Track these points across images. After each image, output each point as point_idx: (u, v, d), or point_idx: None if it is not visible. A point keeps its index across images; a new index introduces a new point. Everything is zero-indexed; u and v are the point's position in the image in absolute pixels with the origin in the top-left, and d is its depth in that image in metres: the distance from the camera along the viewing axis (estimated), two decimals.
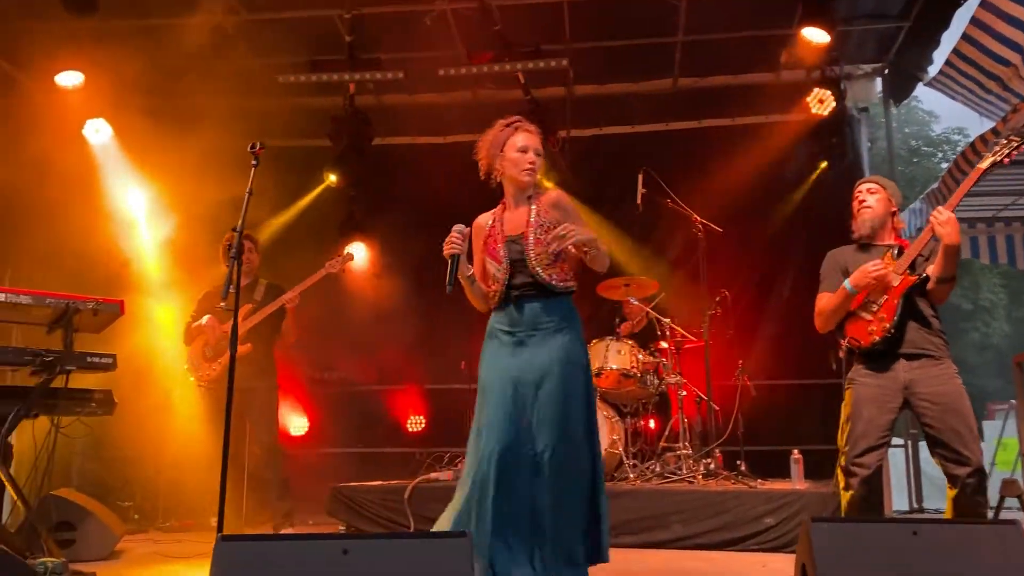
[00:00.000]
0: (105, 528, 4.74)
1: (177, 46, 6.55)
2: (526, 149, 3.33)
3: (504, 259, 3.30)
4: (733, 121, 7.81)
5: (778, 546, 4.79)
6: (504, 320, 3.32)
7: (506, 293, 3.31)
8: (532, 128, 3.43)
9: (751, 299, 7.39)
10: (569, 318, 3.34)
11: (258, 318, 5.36)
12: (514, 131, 3.39)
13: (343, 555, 2.14)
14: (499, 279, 3.30)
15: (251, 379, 5.20)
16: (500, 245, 3.32)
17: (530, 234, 3.31)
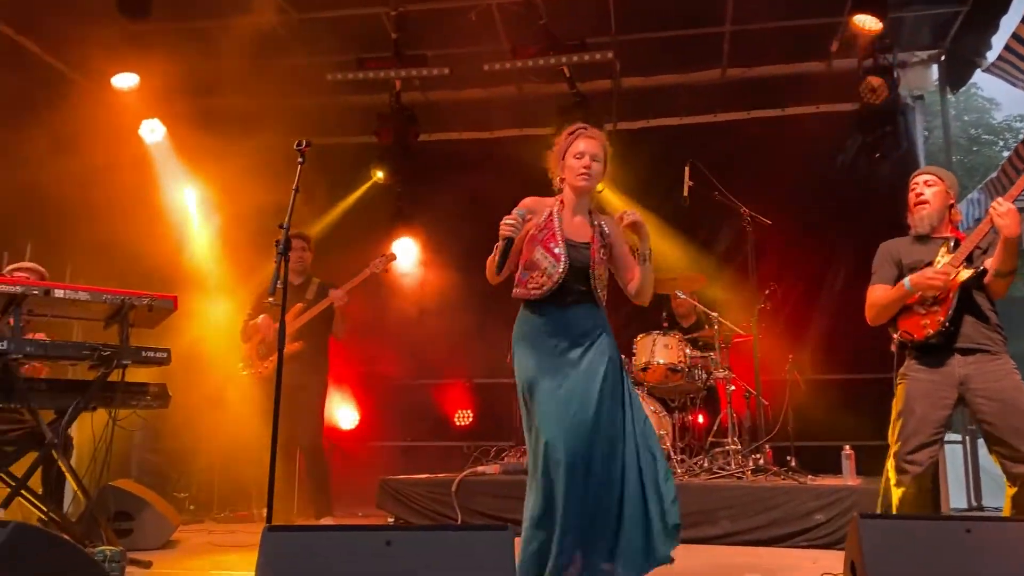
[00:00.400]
0: (162, 518, 4.87)
1: (228, 46, 6.67)
2: (582, 155, 3.36)
3: (563, 260, 3.28)
4: (783, 111, 7.68)
5: (829, 543, 4.71)
6: (550, 323, 3.31)
7: (558, 296, 3.30)
8: (595, 135, 3.44)
9: (801, 293, 7.26)
10: (606, 327, 3.40)
11: (308, 316, 5.51)
12: (576, 138, 3.43)
13: (386, 546, 2.17)
14: (552, 276, 3.28)
15: (301, 376, 5.40)
16: (560, 243, 3.30)
17: (597, 251, 3.35)
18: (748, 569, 4.06)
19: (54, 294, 3.96)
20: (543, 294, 3.30)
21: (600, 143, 3.42)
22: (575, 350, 3.26)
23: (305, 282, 5.73)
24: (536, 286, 3.31)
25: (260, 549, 2.18)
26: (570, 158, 3.38)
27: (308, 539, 2.23)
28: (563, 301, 3.30)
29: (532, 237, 3.36)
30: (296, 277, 5.73)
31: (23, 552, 2.37)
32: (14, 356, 3.86)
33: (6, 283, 3.93)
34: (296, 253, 5.67)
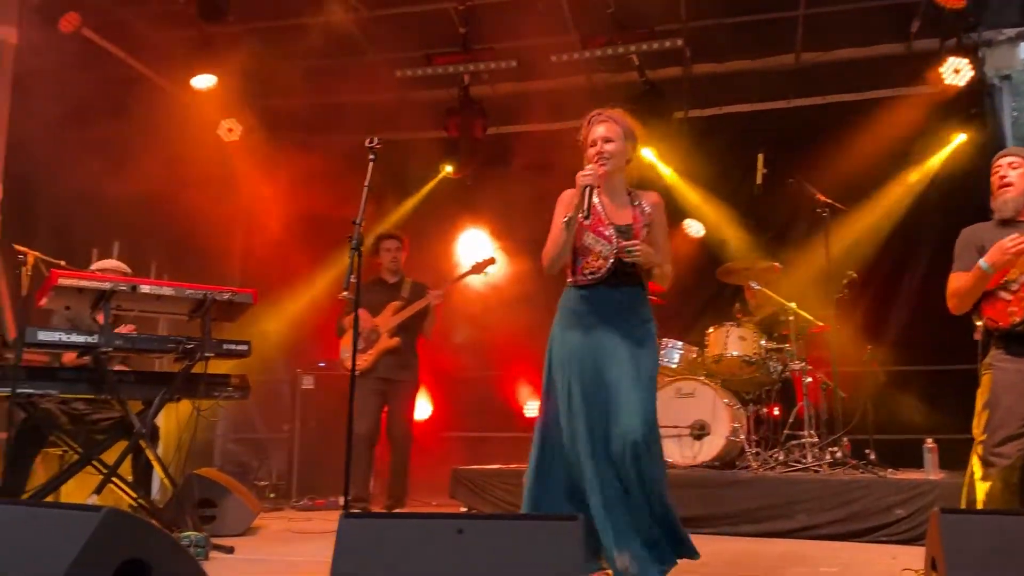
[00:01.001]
0: (243, 506, 5.02)
1: (300, 46, 6.83)
2: (594, 142, 3.38)
3: (615, 242, 3.29)
4: (860, 95, 7.44)
5: (910, 538, 4.58)
6: (593, 301, 3.32)
7: (609, 278, 3.31)
8: (609, 117, 3.42)
9: (881, 281, 7.05)
10: (649, 310, 3.42)
11: (405, 315, 5.71)
12: (591, 125, 3.45)
13: (458, 534, 2.21)
14: (608, 259, 3.29)
15: (396, 371, 5.67)
16: (608, 226, 3.32)
17: (640, 231, 3.35)
18: (825, 563, 3.98)
19: (140, 290, 4.13)
20: (599, 277, 3.32)
21: (616, 123, 3.40)
22: (615, 331, 3.27)
23: (399, 281, 5.93)
24: (592, 270, 3.33)
25: (337, 536, 2.24)
26: (587, 147, 3.41)
27: (383, 526, 2.28)
28: (613, 282, 3.32)
29: (580, 225, 3.36)
30: (390, 276, 5.94)
31: (115, 536, 2.48)
32: (104, 349, 4.05)
33: (96, 279, 4.11)
34: (390, 253, 5.88)
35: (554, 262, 3.35)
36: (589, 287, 3.35)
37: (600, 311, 3.31)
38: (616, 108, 3.49)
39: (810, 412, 5.69)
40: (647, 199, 3.46)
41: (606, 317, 3.30)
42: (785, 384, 6.08)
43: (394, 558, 2.22)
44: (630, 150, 3.44)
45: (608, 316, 3.30)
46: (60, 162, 6.51)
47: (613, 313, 3.30)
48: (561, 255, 3.32)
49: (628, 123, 3.44)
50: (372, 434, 5.72)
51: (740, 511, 4.99)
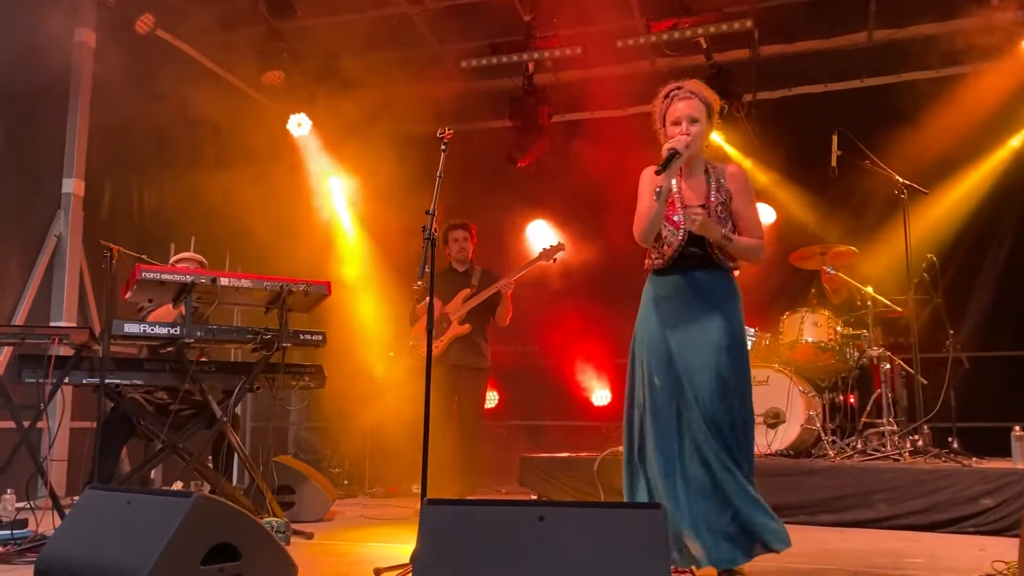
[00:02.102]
0: (320, 493, 5.13)
1: (366, 39, 6.90)
2: (678, 121, 3.24)
3: (682, 226, 3.22)
4: (938, 73, 7.20)
5: (997, 529, 4.43)
6: (670, 287, 3.26)
7: (678, 261, 3.24)
8: (689, 93, 3.28)
9: (962, 264, 6.84)
10: (734, 293, 3.31)
11: (476, 302, 5.69)
12: (671, 101, 3.32)
13: (539, 521, 2.21)
14: (673, 244, 3.23)
15: (465, 358, 5.68)
16: (678, 210, 3.24)
17: (712, 210, 3.25)
18: (910, 554, 3.88)
19: (220, 282, 4.23)
20: (665, 263, 3.26)
21: (698, 101, 3.26)
22: (688, 315, 3.21)
23: (469, 269, 5.94)
24: (659, 256, 3.29)
25: (420, 522, 2.27)
26: (669, 125, 3.28)
27: (465, 512, 2.31)
28: (686, 266, 3.24)
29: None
30: (459, 265, 5.96)
31: (206, 521, 2.56)
32: (187, 340, 4.16)
33: (179, 272, 4.23)
34: (458, 243, 5.88)
35: (647, 234, 3.24)
36: (661, 273, 3.30)
37: (673, 298, 3.25)
38: (694, 80, 3.36)
39: (888, 399, 5.55)
40: (725, 171, 3.35)
41: (680, 304, 3.24)
42: (862, 371, 5.94)
43: (475, 545, 2.24)
44: (711, 129, 3.34)
45: (682, 302, 3.23)
46: (136, 161, 6.73)
47: (687, 298, 3.22)
48: (653, 227, 3.22)
49: (709, 97, 3.31)
50: (447, 424, 5.68)
51: (818, 500, 4.89)
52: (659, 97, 3.38)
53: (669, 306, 3.26)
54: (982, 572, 3.34)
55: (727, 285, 3.29)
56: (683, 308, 3.23)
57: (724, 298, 3.26)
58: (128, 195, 6.75)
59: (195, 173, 6.75)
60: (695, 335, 3.19)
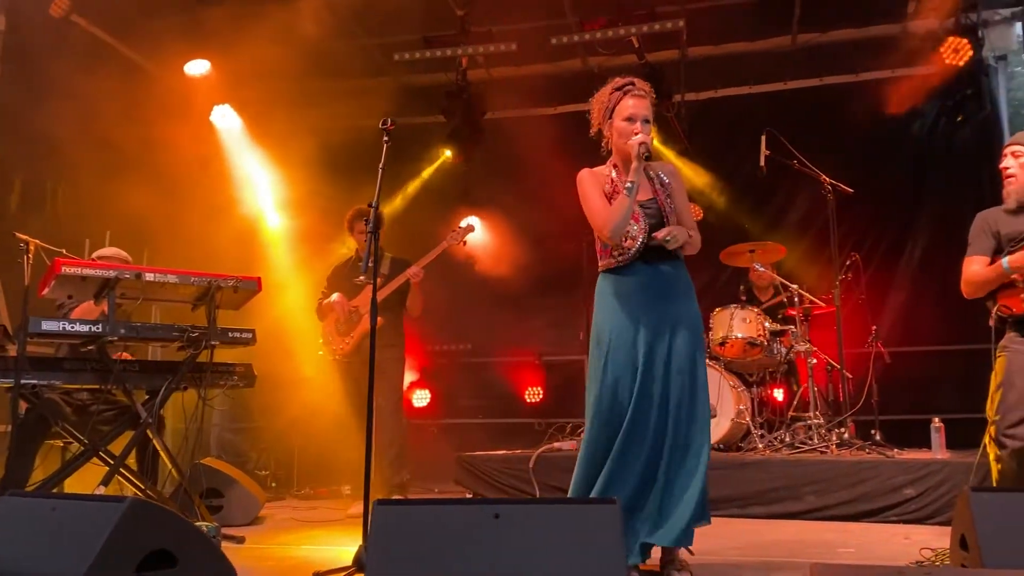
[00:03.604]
0: (249, 495, 4.98)
1: (296, 30, 6.72)
2: (634, 118, 3.24)
3: (642, 219, 3.24)
4: (857, 77, 7.44)
5: (920, 518, 4.60)
6: (635, 282, 3.26)
7: (644, 255, 3.25)
8: (643, 90, 3.30)
9: (883, 262, 7.10)
10: (691, 285, 3.36)
11: (385, 292, 5.38)
12: (623, 95, 3.29)
13: (494, 519, 2.17)
14: (637, 238, 3.23)
15: (379, 351, 5.29)
16: (636, 206, 3.25)
17: (664, 203, 3.30)
18: (841, 544, 3.98)
19: (145, 277, 4.06)
20: (629, 257, 3.26)
21: (649, 100, 3.30)
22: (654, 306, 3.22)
23: (378, 258, 5.62)
24: (620, 251, 3.28)
25: (372, 522, 2.21)
26: (619, 120, 3.27)
27: (417, 512, 2.25)
28: (649, 259, 3.25)
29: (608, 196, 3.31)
30: None
31: (140, 527, 2.43)
32: (109, 338, 3.97)
33: (100, 267, 4.03)
34: (363, 235, 5.49)
35: (618, 230, 3.22)
36: (622, 269, 3.29)
37: (635, 293, 3.25)
38: (640, 79, 3.36)
39: (815, 393, 5.70)
40: (663, 169, 3.41)
41: (643, 298, 3.24)
42: (790, 366, 6.10)
43: (430, 545, 2.18)
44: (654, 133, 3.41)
45: (645, 296, 3.23)
46: (49, 150, 6.40)
47: (650, 292, 3.23)
48: (624, 223, 3.21)
49: (654, 100, 3.35)
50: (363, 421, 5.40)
51: (749, 493, 4.99)
52: (607, 89, 3.36)
53: (638, 301, 3.24)
54: (911, 559, 3.44)
55: (686, 276, 3.34)
56: (655, 302, 3.23)
57: (689, 289, 3.33)
58: (40, 187, 6.42)
59: (112, 165, 6.45)
60: (671, 329, 3.20)
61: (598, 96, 3.41)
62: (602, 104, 3.36)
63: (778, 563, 3.52)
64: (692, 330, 3.25)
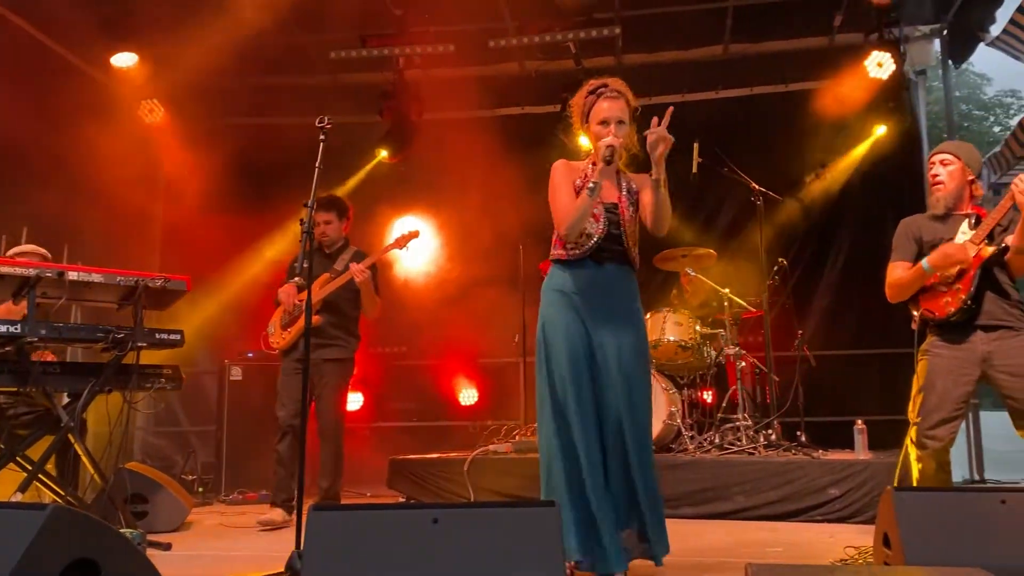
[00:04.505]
0: (176, 501, 4.85)
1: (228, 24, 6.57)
2: (607, 121, 3.27)
3: (602, 219, 3.26)
4: (786, 87, 7.64)
5: (844, 516, 4.75)
6: (583, 279, 3.26)
7: (595, 255, 3.26)
8: (617, 91, 3.32)
9: (808, 268, 7.29)
10: (637, 290, 3.39)
11: (331, 288, 5.12)
12: (596, 99, 3.32)
13: (433, 524, 2.16)
14: (592, 236, 3.25)
15: (315, 351, 5.08)
16: (599, 205, 3.27)
17: (625, 210, 3.32)
18: (767, 544, 4.08)
19: (68, 276, 3.92)
20: (582, 253, 3.27)
21: (624, 102, 3.31)
22: (600, 310, 3.23)
23: (338, 251, 5.36)
24: (574, 245, 3.29)
25: (306, 528, 2.17)
26: (594, 123, 3.30)
27: (354, 517, 2.22)
28: (600, 258, 3.26)
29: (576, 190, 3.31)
30: (328, 247, 5.35)
31: (62, 535, 2.34)
32: (29, 339, 3.82)
33: (20, 266, 3.88)
34: (318, 228, 5.22)
35: (575, 226, 3.22)
36: (574, 264, 3.29)
37: (585, 290, 3.25)
38: (617, 79, 3.38)
39: (743, 395, 5.83)
40: (636, 180, 3.41)
41: (592, 296, 3.24)
42: (719, 368, 6.21)
43: (367, 551, 2.16)
44: (633, 130, 3.35)
45: (594, 295, 3.24)
46: None
47: (599, 291, 3.24)
48: (582, 220, 3.22)
49: (631, 98, 3.35)
50: (293, 421, 5.02)
51: (679, 494, 5.07)
52: (582, 92, 3.38)
53: (584, 299, 3.25)
54: (836, 557, 3.55)
55: (635, 283, 3.36)
56: (600, 302, 3.24)
57: (635, 296, 3.34)
58: None
59: (29, 159, 6.21)
60: (614, 331, 3.21)
61: (575, 99, 3.44)
62: (579, 108, 3.40)
63: (709, 564, 3.58)
64: (637, 332, 3.29)
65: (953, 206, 3.70)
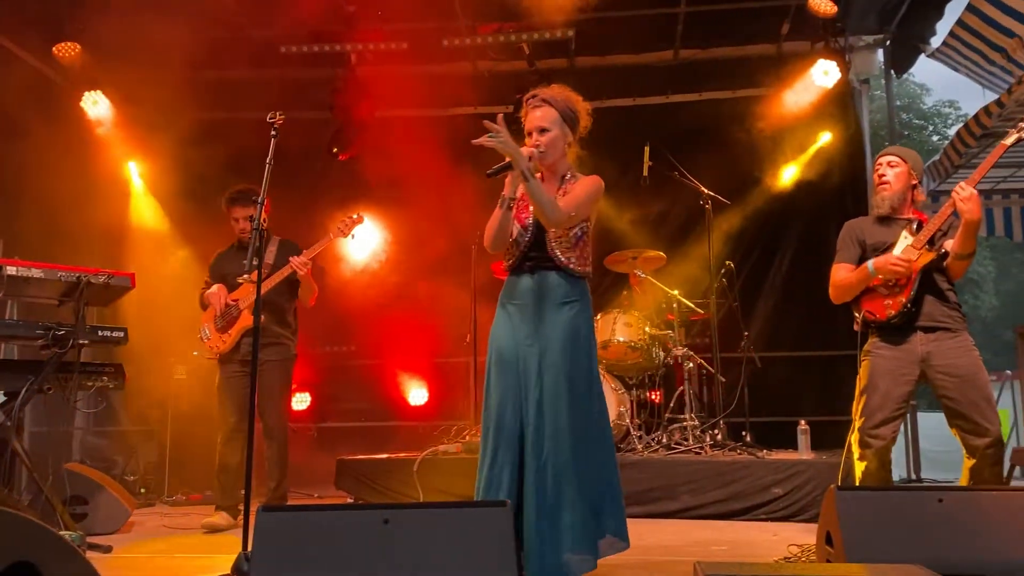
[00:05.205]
0: (117, 502, 4.74)
1: (175, 15, 6.44)
2: (529, 133, 3.27)
3: (530, 228, 3.25)
4: (734, 93, 7.75)
5: (787, 515, 4.86)
6: (513, 289, 3.28)
7: (522, 262, 3.27)
8: (541, 100, 3.29)
9: (754, 271, 7.41)
10: (578, 295, 3.27)
11: (269, 284, 4.93)
12: (527, 111, 3.32)
13: (384, 525, 2.15)
14: (520, 245, 3.25)
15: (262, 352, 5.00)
16: (531, 213, 3.25)
17: None
18: (714, 543, 4.14)
19: (6, 272, 3.81)
20: (513, 263, 3.29)
21: (551, 107, 3.27)
22: (528, 316, 3.20)
23: (265, 241, 5.02)
24: (509, 256, 3.31)
25: (255, 529, 2.14)
26: (526, 135, 3.30)
27: (304, 518, 2.19)
28: (531, 267, 3.24)
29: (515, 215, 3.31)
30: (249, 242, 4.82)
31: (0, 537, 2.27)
32: None
33: None
34: (239, 224, 5.13)
35: (493, 242, 3.23)
36: (511, 274, 3.31)
37: (520, 300, 3.25)
38: (554, 86, 3.36)
39: (690, 396, 5.91)
40: (579, 178, 3.33)
41: (524, 305, 3.24)
42: (668, 369, 6.29)
43: (317, 552, 2.14)
44: (568, 135, 3.32)
45: (526, 303, 3.23)
46: None
47: (532, 299, 3.22)
48: (499, 234, 3.20)
49: (566, 103, 3.31)
50: (240, 424, 4.92)
51: (628, 493, 5.00)
52: (524, 105, 3.35)
53: (518, 308, 3.25)
54: (780, 556, 3.62)
55: (573, 289, 3.25)
56: (533, 310, 3.21)
57: (567, 298, 3.22)
58: None
59: None
60: (542, 336, 3.17)
61: None
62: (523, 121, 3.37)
63: (656, 562, 3.62)
64: (568, 339, 3.17)
65: (897, 207, 3.81)
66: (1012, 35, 6.12)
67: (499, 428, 3.11)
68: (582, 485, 3.03)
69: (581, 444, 3.07)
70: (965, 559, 2.56)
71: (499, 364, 3.21)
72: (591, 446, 3.12)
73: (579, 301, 3.26)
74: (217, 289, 5.10)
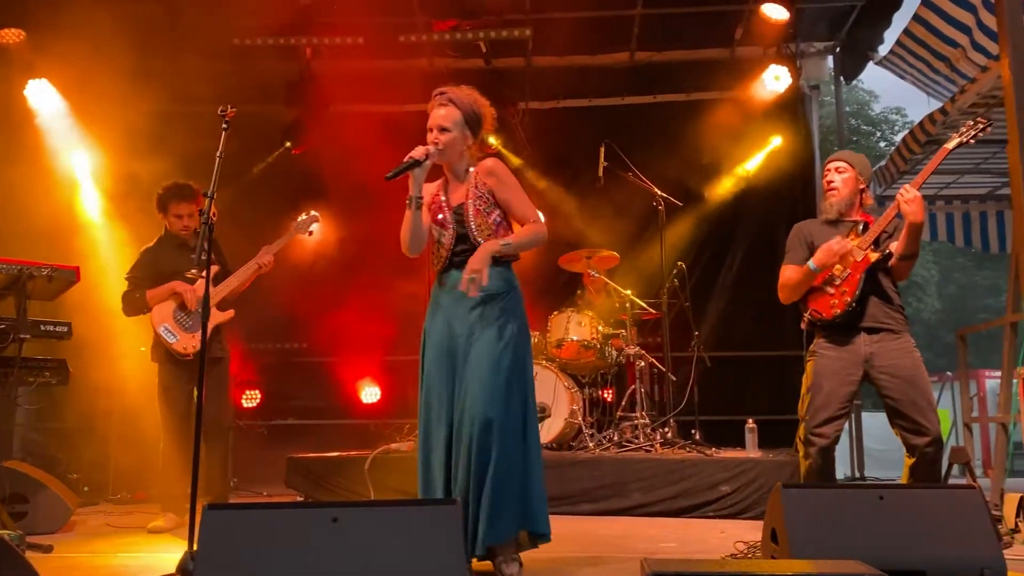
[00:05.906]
0: (59, 500, 4.61)
1: (126, 4, 6.31)
2: (431, 129, 3.28)
3: (451, 227, 3.29)
4: (688, 96, 7.86)
5: (734, 513, 4.93)
6: (450, 286, 3.29)
7: (453, 261, 3.29)
8: (448, 100, 3.29)
9: (705, 271, 7.52)
10: (505, 284, 3.29)
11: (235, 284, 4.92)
12: (431, 107, 3.33)
13: (333, 523, 2.14)
14: (445, 245, 3.30)
15: (220, 349, 4.93)
16: (448, 214, 3.30)
17: (469, 206, 3.30)
18: (660, 540, 4.19)
19: None
20: (442, 264, 3.32)
21: (455, 108, 3.27)
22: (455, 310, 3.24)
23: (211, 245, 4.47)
24: (437, 258, 3.35)
25: (201, 528, 2.11)
26: (427, 129, 3.31)
27: (251, 517, 2.17)
28: (458, 264, 3.24)
29: (427, 216, 3.34)
30: (192, 239, 4.95)
31: None
32: None
33: None
34: (182, 220, 4.92)
35: (409, 245, 3.27)
36: (442, 273, 3.35)
37: (448, 297, 3.29)
38: (463, 87, 3.36)
39: (642, 394, 5.97)
40: (481, 169, 3.33)
41: (453, 302, 3.26)
42: (620, 368, 6.34)
43: (265, 551, 2.12)
44: (469, 137, 3.32)
45: (454, 301, 3.25)
46: None
47: (459, 297, 3.21)
48: (413, 236, 3.24)
49: (471, 106, 3.31)
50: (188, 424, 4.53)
51: (578, 491, 5.16)
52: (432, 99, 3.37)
53: (449, 303, 3.28)
54: (726, 552, 3.67)
55: (499, 276, 3.24)
56: (465, 305, 3.22)
57: (500, 293, 3.25)
58: None
59: None
60: (472, 333, 3.21)
61: None
62: None
63: (606, 558, 3.65)
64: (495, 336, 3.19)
65: (845, 212, 3.89)
66: (956, 45, 6.30)
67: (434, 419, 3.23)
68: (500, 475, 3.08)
69: (502, 435, 3.11)
70: (904, 555, 2.62)
71: (433, 359, 3.26)
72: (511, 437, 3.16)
73: (504, 293, 3.28)
74: (179, 285, 4.83)
